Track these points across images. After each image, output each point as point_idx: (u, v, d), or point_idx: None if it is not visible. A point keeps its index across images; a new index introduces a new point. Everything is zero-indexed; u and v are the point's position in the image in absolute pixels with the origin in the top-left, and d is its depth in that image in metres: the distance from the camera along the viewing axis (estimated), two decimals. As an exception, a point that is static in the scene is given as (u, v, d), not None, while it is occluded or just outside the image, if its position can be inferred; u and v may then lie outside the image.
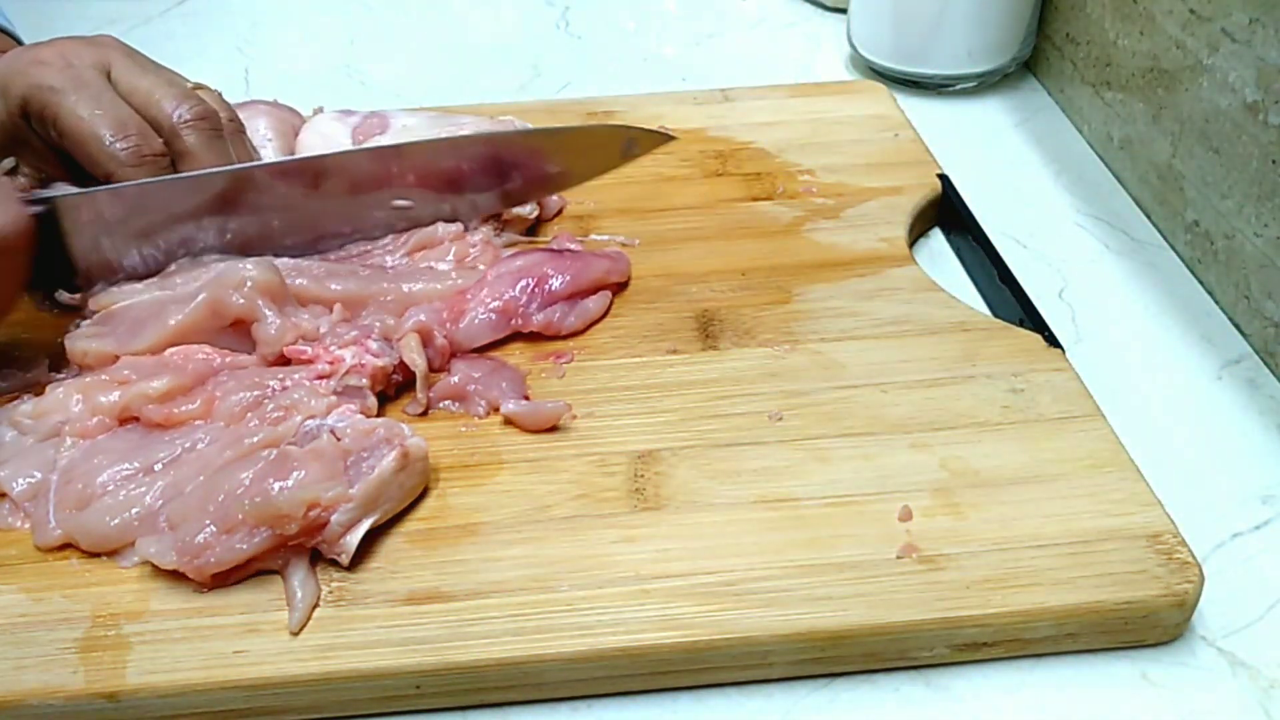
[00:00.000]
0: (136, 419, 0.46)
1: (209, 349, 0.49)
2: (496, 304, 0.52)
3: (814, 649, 0.40)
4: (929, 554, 0.42)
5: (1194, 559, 0.42)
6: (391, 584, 0.42)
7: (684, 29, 0.86)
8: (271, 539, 0.41)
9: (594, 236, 0.59)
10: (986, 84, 0.76)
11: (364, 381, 0.48)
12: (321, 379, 0.47)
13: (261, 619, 0.41)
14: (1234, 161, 0.55)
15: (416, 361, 0.49)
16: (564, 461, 0.47)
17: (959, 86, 0.75)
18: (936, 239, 0.63)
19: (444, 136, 0.57)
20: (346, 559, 0.42)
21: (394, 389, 0.50)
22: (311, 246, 0.55)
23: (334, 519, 0.42)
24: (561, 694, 0.41)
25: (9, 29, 0.62)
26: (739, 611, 0.40)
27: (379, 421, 0.45)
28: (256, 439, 0.44)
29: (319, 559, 0.43)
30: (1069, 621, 0.40)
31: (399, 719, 0.41)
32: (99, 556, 0.43)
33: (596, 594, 0.41)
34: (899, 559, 0.42)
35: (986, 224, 0.59)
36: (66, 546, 0.44)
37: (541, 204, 0.60)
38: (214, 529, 0.41)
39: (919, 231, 0.62)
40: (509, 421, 0.48)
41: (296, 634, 0.40)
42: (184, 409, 0.46)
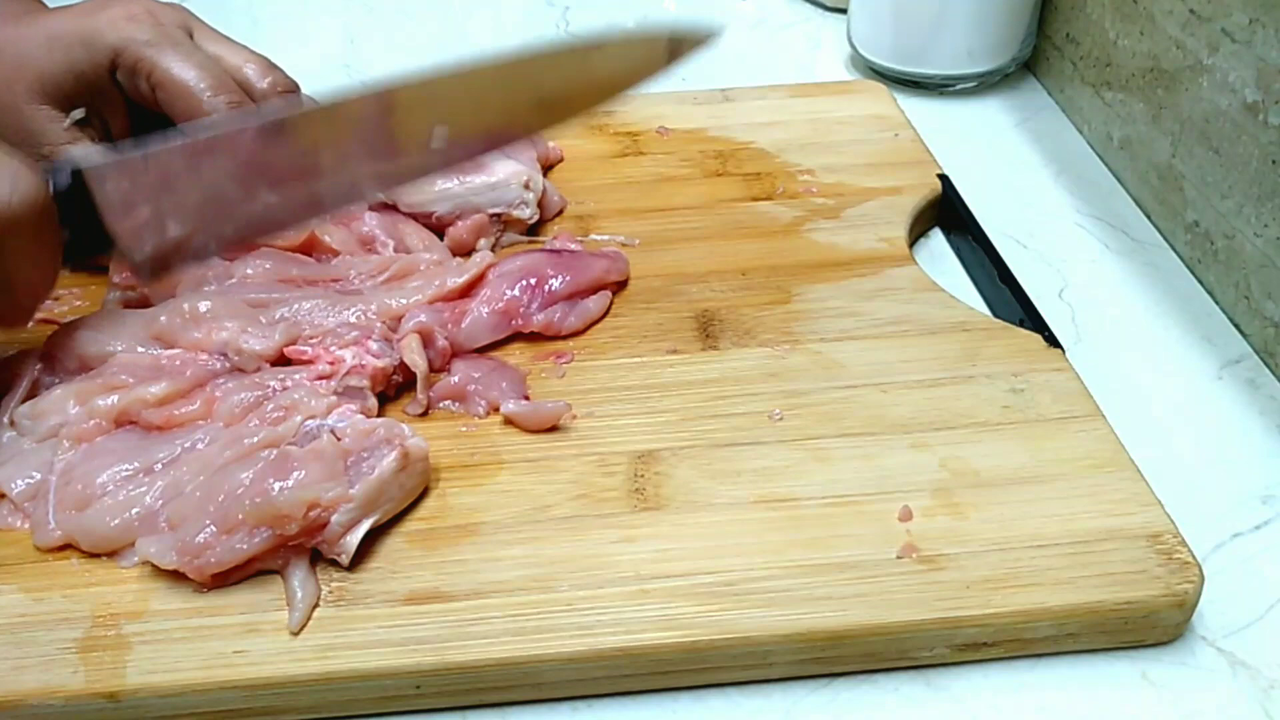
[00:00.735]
0: (134, 422, 0.46)
1: (206, 353, 0.49)
2: (497, 304, 0.52)
3: (814, 649, 0.40)
4: (929, 554, 0.42)
5: (1194, 559, 0.42)
6: (391, 584, 0.42)
7: (684, 29, 0.86)
8: (272, 539, 0.41)
9: (594, 236, 0.59)
10: (986, 84, 0.76)
11: (364, 382, 0.48)
12: (322, 379, 0.47)
13: (261, 619, 0.41)
14: (1234, 161, 0.55)
15: (417, 362, 0.49)
16: (564, 461, 0.47)
17: (959, 86, 0.75)
18: (936, 239, 0.63)
19: (482, 62, 0.51)
20: (347, 559, 0.42)
21: (394, 389, 0.50)
22: (343, 202, 0.51)
23: (334, 519, 0.42)
24: (561, 694, 0.41)
25: None
26: (739, 611, 0.40)
27: (379, 422, 0.45)
28: (257, 439, 0.44)
29: (319, 559, 0.43)
30: (1069, 621, 0.40)
31: (399, 719, 0.41)
32: (99, 556, 0.43)
33: (596, 594, 0.41)
34: (899, 559, 0.42)
35: (986, 224, 0.59)
36: (66, 547, 0.44)
37: (542, 205, 0.60)
38: (214, 529, 0.41)
39: (919, 231, 0.62)
40: (509, 421, 0.48)
41: (296, 634, 0.40)
42: (184, 410, 0.46)
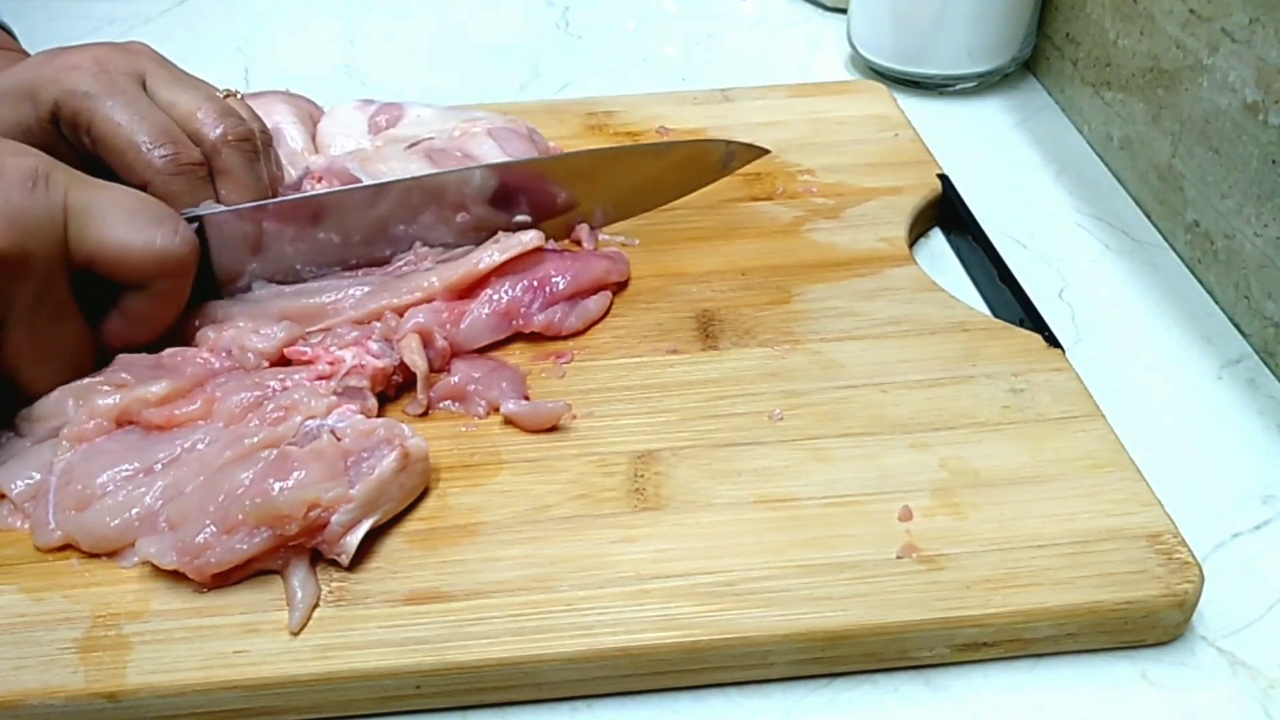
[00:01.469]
0: (134, 422, 0.46)
1: (206, 352, 0.49)
2: (497, 304, 0.52)
3: (814, 649, 0.40)
4: (929, 554, 0.42)
5: (1194, 559, 0.42)
6: (391, 584, 0.42)
7: (684, 29, 0.86)
8: (272, 539, 0.41)
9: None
10: (986, 84, 0.76)
11: (364, 382, 0.48)
12: (322, 380, 0.47)
13: (261, 619, 0.41)
14: (1234, 161, 0.55)
15: (417, 363, 0.49)
16: (564, 461, 0.47)
17: (959, 86, 0.75)
18: (936, 239, 0.63)
19: (540, 157, 0.57)
20: (347, 559, 0.42)
21: (394, 389, 0.50)
22: (376, 253, 0.55)
23: (334, 519, 0.42)
24: (561, 694, 0.41)
25: (2, 22, 0.61)
26: (739, 611, 0.40)
27: (379, 422, 0.45)
28: (257, 439, 0.44)
29: (319, 559, 0.43)
30: (1069, 621, 0.40)
31: (399, 719, 0.41)
32: (99, 557, 0.43)
33: (596, 594, 0.41)
34: (899, 559, 0.42)
35: (986, 224, 0.59)
36: (66, 547, 0.44)
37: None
38: (214, 529, 0.41)
39: (919, 231, 0.62)
40: (509, 421, 0.48)
41: (296, 634, 0.40)
42: (184, 410, 0.46)
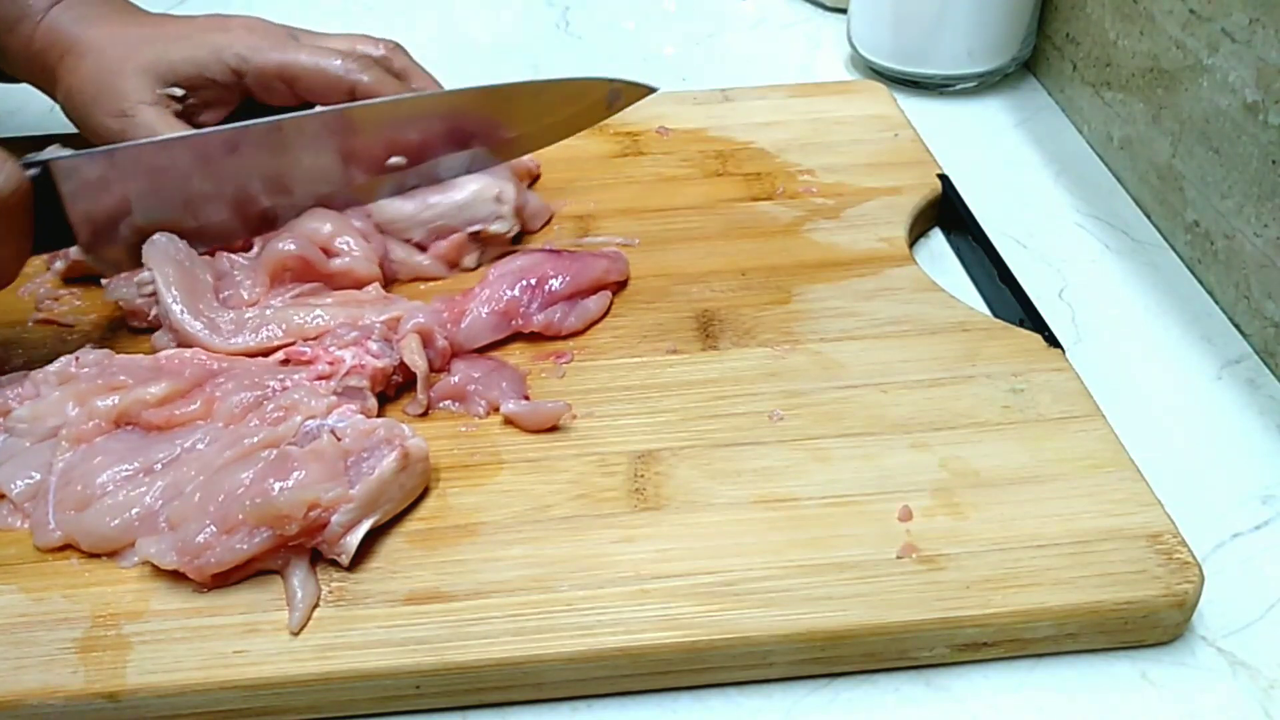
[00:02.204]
0: (133, 423, 0.46)
1: (204, 353, 0.49)
2: (497, 304, 0.52)
3: (814, 649, 0.40)
4: (929, 554, 0.42)
5: (1194, 559, 0.42)
6: (391, 584, 0.42)
7: (684, 29, 0.86)
8: (272, 539, 0.41)
9: (589, 239, 0.59)
10: (986, 84, 0.76)
11: (364, 382, 0.48)
12: (322, 380, 0.47)
13: (261, 619, 0.41)
14: (1234, 161, 0.55)
15: (417, 363, 0.49)
16: (564, 461, 0.47)
17: (959, 86, 0.75)
18: (936, 239, 0.63)
19: (429, 92, 0.57)
20: (347, 559, 0.42)
21: (394, 389, 0.50)
22: (297, 209, 0.55)
23: (334, 519, 0.42)
24: (561, 694, 0.41)
25: None
26: (739, 611, 0.40)
27: (379, 422, 0.45)
28: (256, 439, 0.44)
29: (319, 559, 0.43)
30: (1069, 621, 0.40)
31: (399, 719, 0.41)
32: (99, 557, 0.43)
33: (596, 594, 0.41)
34: (899, 559, 0.42)
35: (986, 224, 0.59)
36: (66, 547, 0.44)
37: (523, 215, 0.59)
38: (214, 529, 0.41)
39: (919, 231, 0.62)
40: (509, 421, 0.48)
41: (296, 634, 0.40)
42: (184, 411, 0.46)
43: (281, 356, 0.49)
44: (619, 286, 0.56)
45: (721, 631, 0.40)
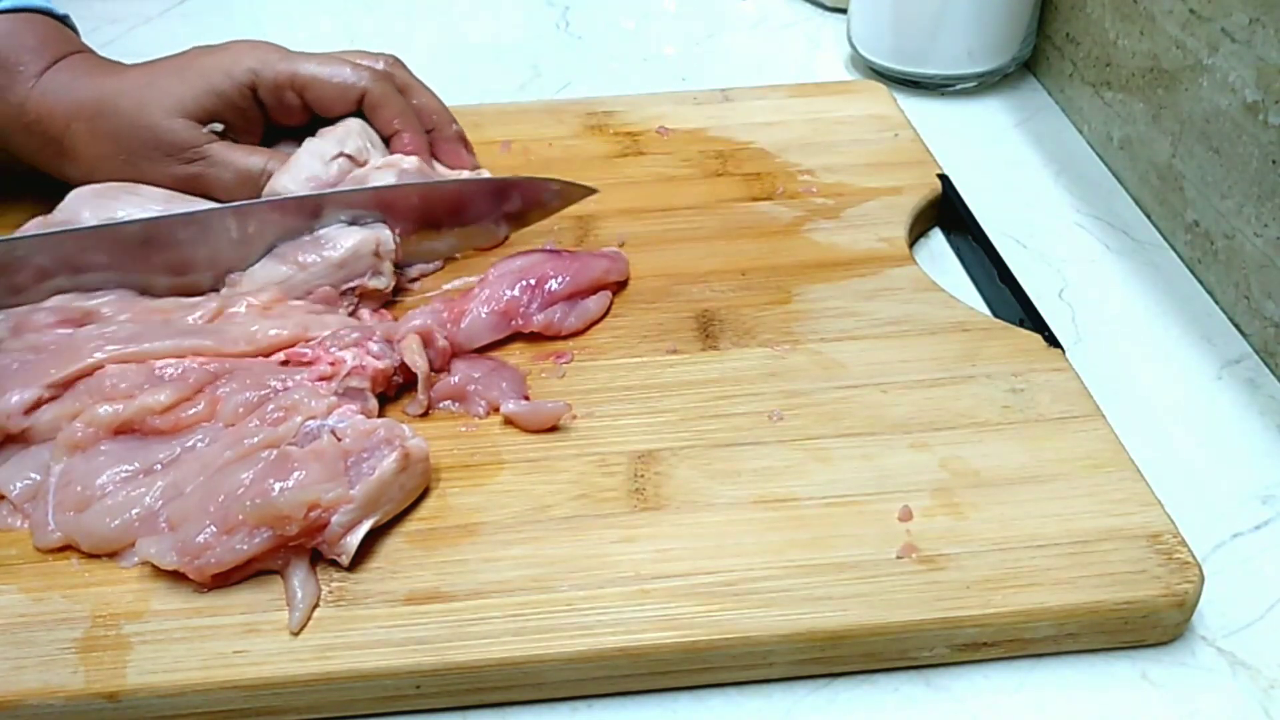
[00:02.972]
0: (134, 430, 0.46)
1: (205, 356, 0.48)
2: (496, 304, 0.52)
3: (814, 649, 0.40)
4: (929, 554, 0.42)
5: (1194, 559, 0.42)
6: (391, 584, 0.42)
7: (684, 29, 0.86)
8: (272, 540, 0.41)
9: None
10: (986, 84, 0.76)
11: (365, 383, 0.48)
12: (323, 380, 0.47)
13: (261, 619, 0.41)
14: (1234, 161, 0.55)
15: (418, 363, 0.49)
16: (564, 461, 0.47)
17: (959, 86, 0.75)
18: (936, 239, 0.63)
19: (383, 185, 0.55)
20: (347, 559, 0.42)
21: (394, 390, 0.50)
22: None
23: (334, 520, 0.42)
24: (561, 694, 0.41)
25: (64, 16, 0.61)
26: (739, 611, 0.40)
27: (379, 422, 0.45)
28: (257, 439, 0.44)
29: (319, 559, 0.43)
30: (1069, 621, 0.40)
31: (399, 719, 0.41)
32: (99, 557, 0.43)
33: (596, 594, 0.41)
34: (899, 559, 0.42)
35: (986, 224, 0.59)
36: (66, 547, 0.44)
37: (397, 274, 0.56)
38: (214, 529, 0.41)
39: (919, 231, 0.62)
40: (509, 421, 0.48)
41: (296, 634, 0.40)
42: (189, 414, 0.46)
43: (282, 357, 0.49)
44: (619, 286, 0.56)
45: (721, 631, 0.40)
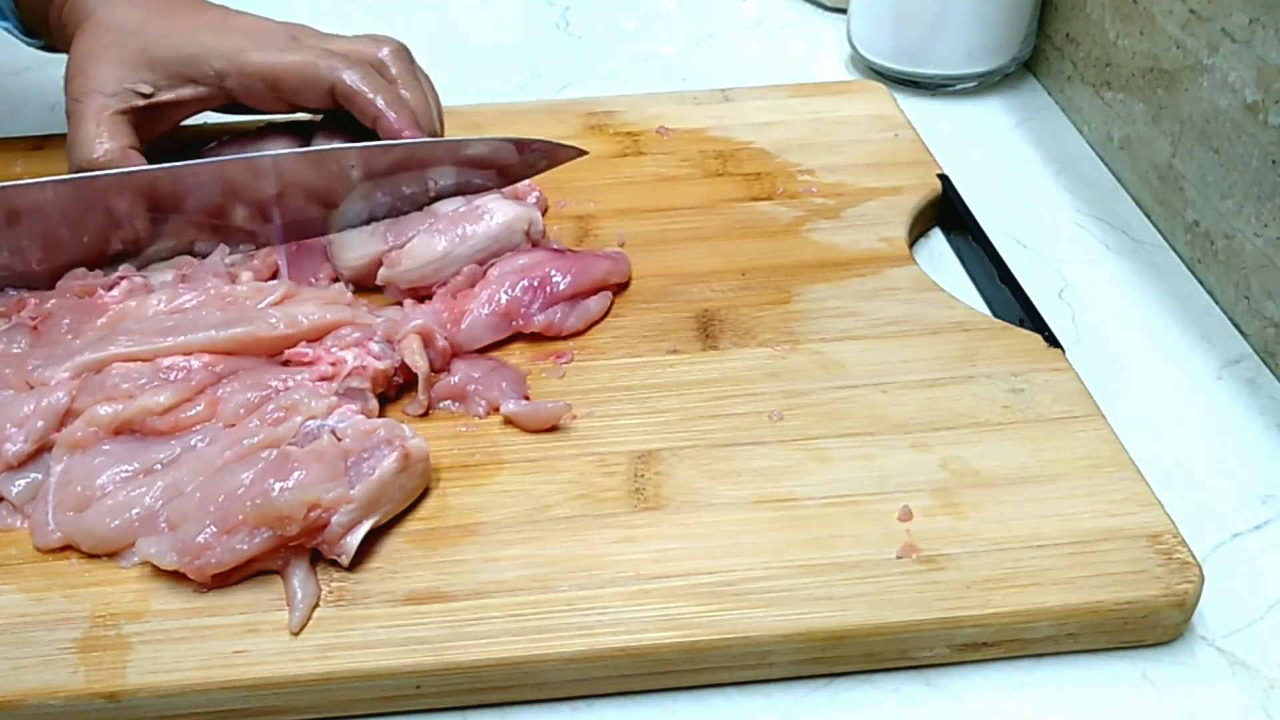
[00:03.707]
0: (134, 430, 0.46)
1: (206, 355, 0.48)
2: (497, 305, 0.52)
3: (814, 649, 0.40)
4: (929, 554, 0.42)
5: (1194, 559, 0.42)
6: (391, 584, 0.42)
7: (684, 29, 0.86)
8: (272, 540, 0.41)
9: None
10: (986, 84, 0.76)
11: (366, 384, 0.48)
12: (324, 381, 0.47)
13: (261, 619, 0.41)
14: (1234, 161, 0.55)
15: (419, 364, 0.49)
16: (564, 461, 0.47)
17: (959, 86, 0.75)
18: (936, 239, 0.63)
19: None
20: (347, 560, 0.42)
21: (395, 390, 0.50)
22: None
23: (334, 520, 0.42)
24: (561, 694, 0.41)
25: None
26: (739, 611, 0.40)
27: (380, 422, 0.45)
28: (257, 439, 0.44)
29: (319, 559, 0.43)
30: (1069, 621, 0.40)
31: (399, 719, 0.41)
32: (99, 557, 0.43)
33: (596, 594, 0.41)
34: (899, 559, 0.42)
35: (986, 224, 0.59)
36: (66, 547, 0.44)
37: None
38: (214, 529, 0.41)
39: (919, 231, 0.62)
40: (509, 421, 0.48)
41: (297, 634, 0.40)
42: (189, 414, 0.46)
43: (284, 357, 0.49)
44: (619, 287, 0.56)
45: (721, 631, 0.40)
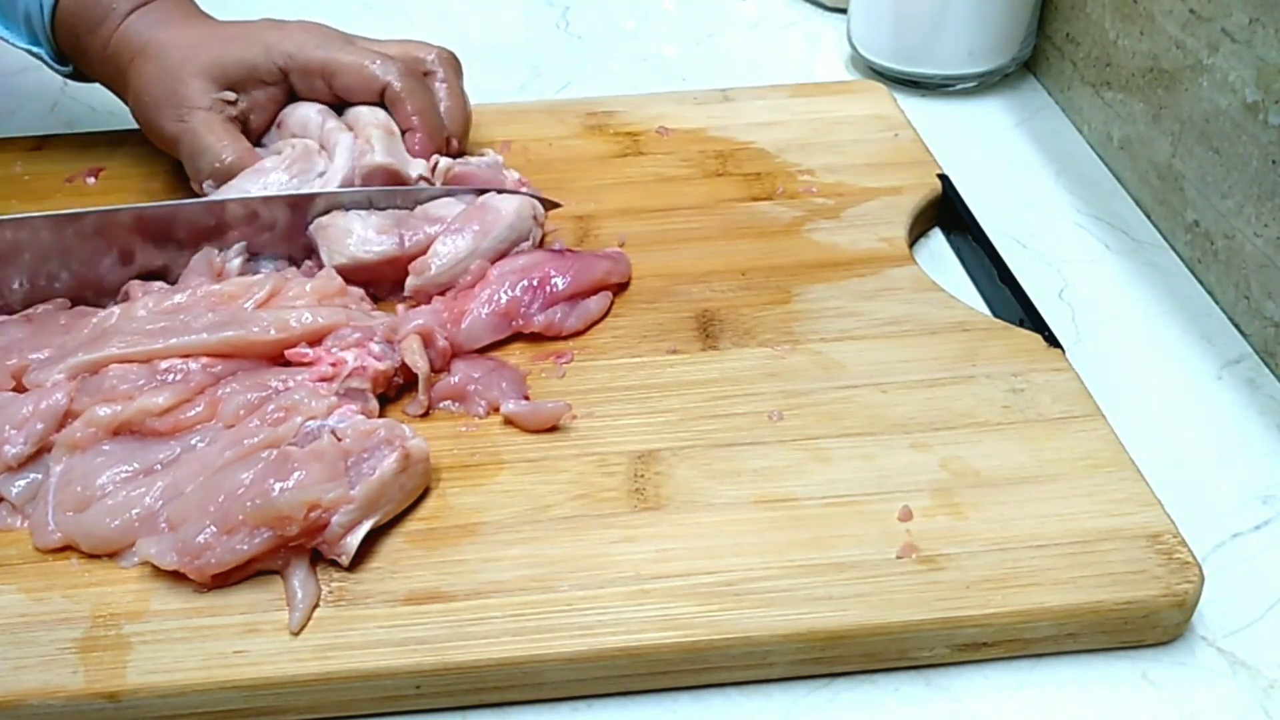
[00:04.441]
0: (133, 431, 0.46)
1: (206, 357, 0.48)
2: (497, 305, 0.52)
3: (814, 649, 0.40)
4: (929, 554, 0.42)
5: (1194, 559, 0.42)
6: (391, 584, 0.42)
7: (684, 29, 0.86)
8: (272, 540, 0.41)
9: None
10: (986, 84, 0.76)
11: (366, 384, 0.48)
12: (324, 381, 0.47)
13: (262, 619, 0.41)
14: (1234, 161, 0.55)
15: (419, 364, 0.49)
16: (564, 461, 0.47)
17: (959, 86, 0.75)
18: (936, 239, 0.63)
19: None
20: (347, 560, 0.42)
21: (394, 390, 0.50)
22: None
23: (335, 520, 0.42)
24: (561, 694, 0.41)
25: None
26: (739, 611, 0.40)
27: (380, 422, 0.45)
28: (257, 439, 0.44)
29: (319, 559, 0.43)
30: (1069, 621, 0.40)
31: (399, 719, 0.41)
32: (99, 557, 0.43)
33: (596, 594, 0.41)
34: (899, 559, 0.42)
35: (986, 224, 0.59)
36: (66, 547, 0.44)
37: None
38: (214, 529, 0.41)
39: (919, 231, 0.62)
40: (509, 421, 0.48)
41: (296, 634, 0.40)
42: (190, 415, 0.46)
43: (284, 358, 0.49)
44: (619, 287, 0.56)
45: (721, 631, 0.40)
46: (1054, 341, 0.51)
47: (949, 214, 0.62)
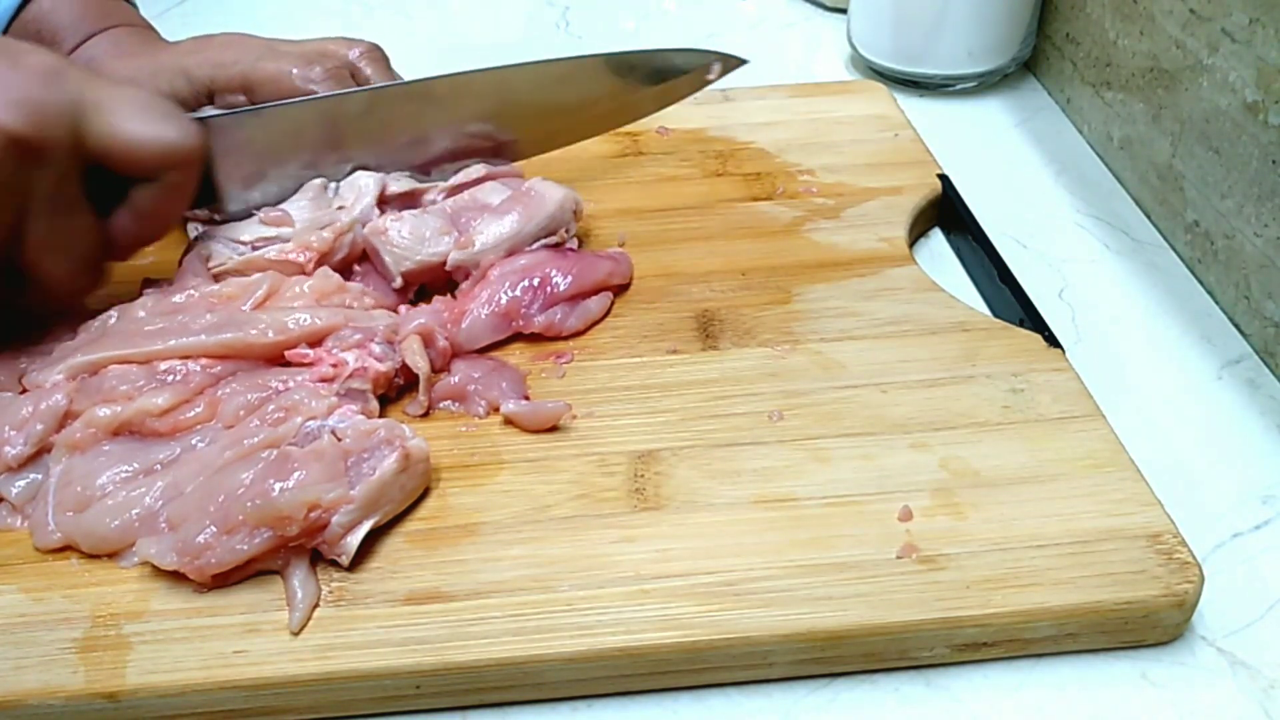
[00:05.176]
0: (133, 431, 0.46)
1: (206, 359, 0.48)
2: (498, 305, 0.52)
3: (814, 649, 0.40)
4: (929, 554, 0.42)
5: (1194, 559, 0.42)
6: (391, 584, 0.42)
7: (684, 29, 0.86)
8: (272, 540, 0.41)
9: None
10: (986, 84, 0.76)
11: (367, 385, 0.48)
12: (325, 382, 0.47)
13: (262, 619, 0.41)
14: (1234, 161, 0.55)
15: (419, 364, 0.49)
16: (564, 461, 0.47)
17: (959, 86, 0.75)
18: (936, 239, 0.63)
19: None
20: (347, 560, 0.42)
21: (395, 390, 0.50)
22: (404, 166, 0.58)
23: (335, 520, 0.42)
24: (561, 694, 0.41)
25: None
26: (739, 611, 0.40)
27: (380, 422, 0.45)
28: (257, 439, 0.44)
29: (319, 559, 0.43)
30: (1069, 621, 0.40)
31: (399, 719, 0.41)
32: (99, 557, 0.43)
33: (596, 594, 0.41)
34: (899, 559, 0.42)
35: (986, 224, 0.59)
36: (66, 547, 0.44)
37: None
38: (214, 529, 0.41)
39: (919, 231, 0.62)
40: (509, 421, 0.48)
41: (297, 634, 0.40)
42: (189, 415, 0.46)
43: (285, 358, 0.49)
44: (620, 287, 0.56)
45: (721, 631, 0.40)
46: (1054, 341, 0.51)
47: (949, 214, 0.62)
